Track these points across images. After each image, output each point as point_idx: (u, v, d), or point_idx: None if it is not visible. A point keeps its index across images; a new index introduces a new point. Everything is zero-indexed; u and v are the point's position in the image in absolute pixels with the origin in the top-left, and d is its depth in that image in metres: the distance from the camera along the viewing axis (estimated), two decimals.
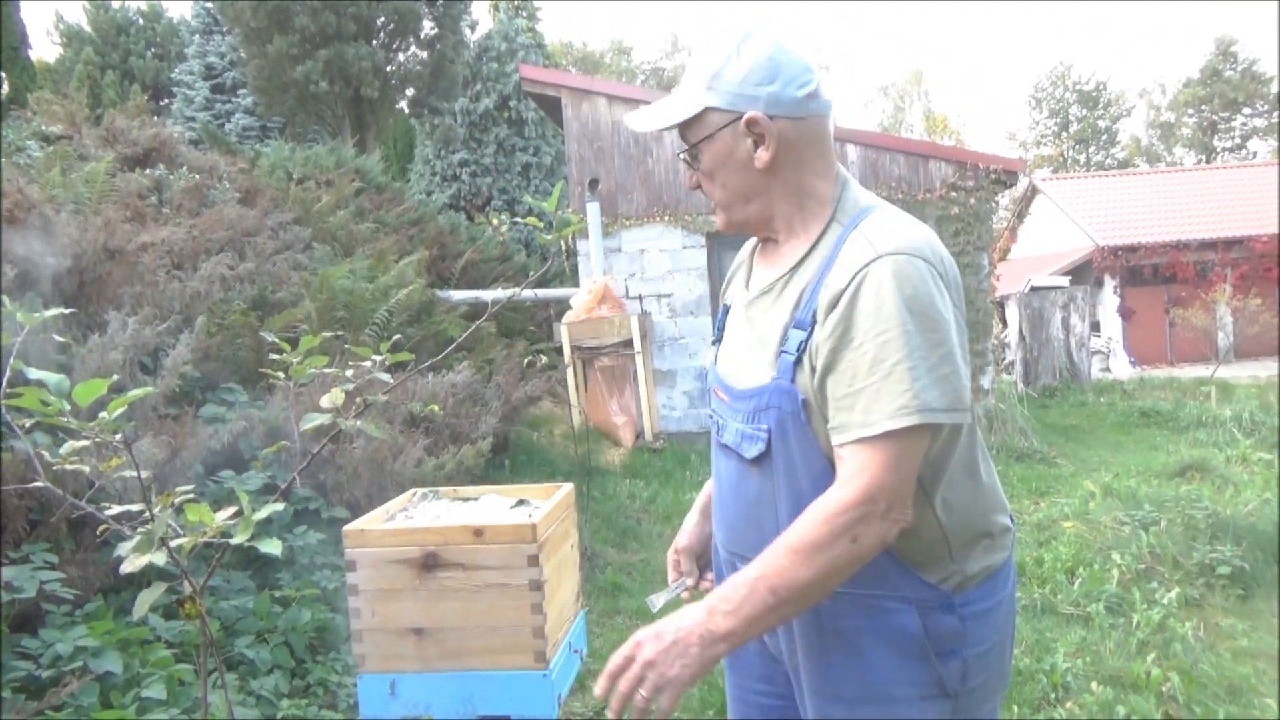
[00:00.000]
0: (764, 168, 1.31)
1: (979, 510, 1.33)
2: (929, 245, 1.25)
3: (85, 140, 6.87)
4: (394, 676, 2.49)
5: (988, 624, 1.31)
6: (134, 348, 3.82)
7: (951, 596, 1.28)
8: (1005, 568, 1.37)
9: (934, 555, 1.29)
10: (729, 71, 1.30)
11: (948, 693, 1.29)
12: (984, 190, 9.07)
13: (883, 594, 1.28)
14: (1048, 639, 3.86)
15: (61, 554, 3.06)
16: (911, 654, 1.28)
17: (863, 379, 1.18)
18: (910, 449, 1.17)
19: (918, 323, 1.17)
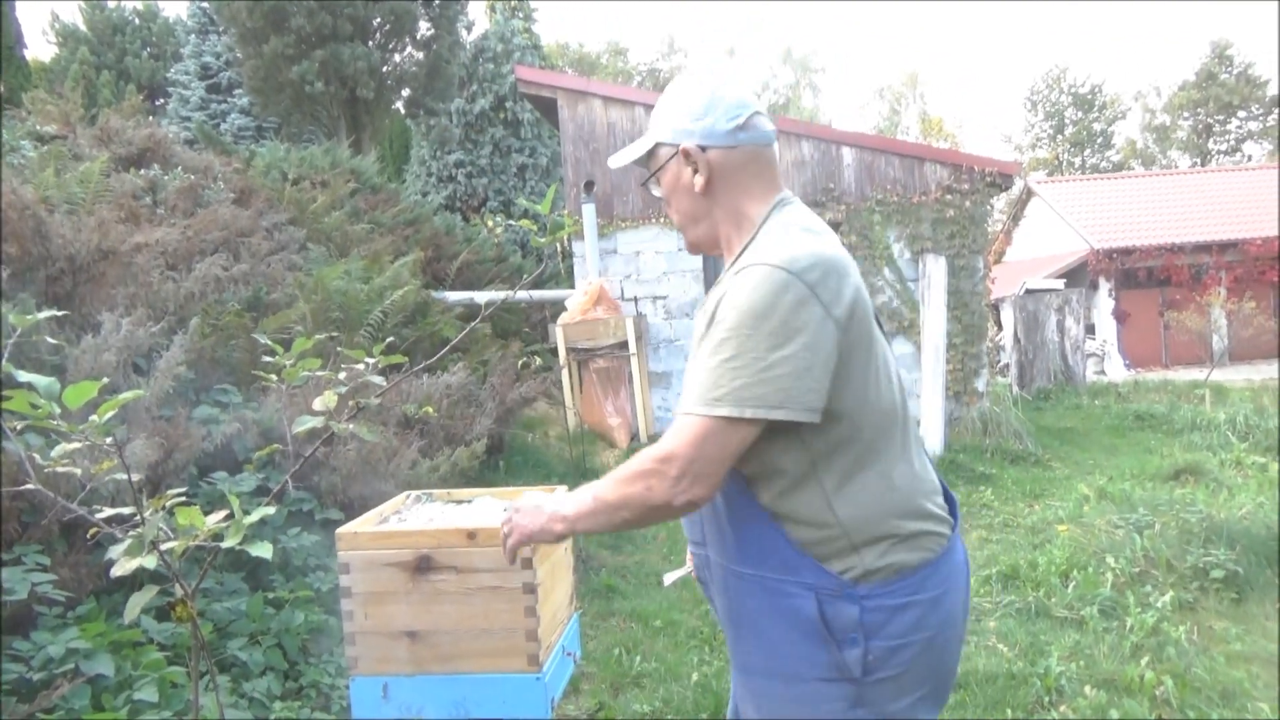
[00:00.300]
0: (701, 192, 1.52)
1: (886, 510, 1.41)
2: (808, 260, 1.35)
3: (80, 140, 6.85)
4: (386, 679, 2.48)
5: (899, 620, 1.38)
6: (127, 349, 3.81)
7: (853, 588, 1.38)
8: (924, 571, 1.42)
9: (834, 546, 1.39)
10: (673, 111, 1.54)
11: (849, 678, 1.39)
12: (979, 193, 9.08)
13: (784, 578, 1.41)
14: (1041, 642, 3.86)
15: (53, 556, 3.04)
16: (810, 636, 1.39)
17: (702, 365, 1.36)
18: (717, 433, 1.31)
19: (760, 326, 1.31)
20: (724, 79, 1.54)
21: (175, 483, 3.55)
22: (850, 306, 1.36)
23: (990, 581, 4.71)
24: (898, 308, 9.12)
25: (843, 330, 1.35)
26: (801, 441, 1.37)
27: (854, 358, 1.37)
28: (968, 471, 7.42)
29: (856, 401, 1.38)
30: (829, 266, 1.36)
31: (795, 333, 1.30)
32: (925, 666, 1.42)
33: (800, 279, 1.32)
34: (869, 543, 1.39)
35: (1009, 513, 6.26)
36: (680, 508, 1.35)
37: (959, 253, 9.01)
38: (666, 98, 1.57)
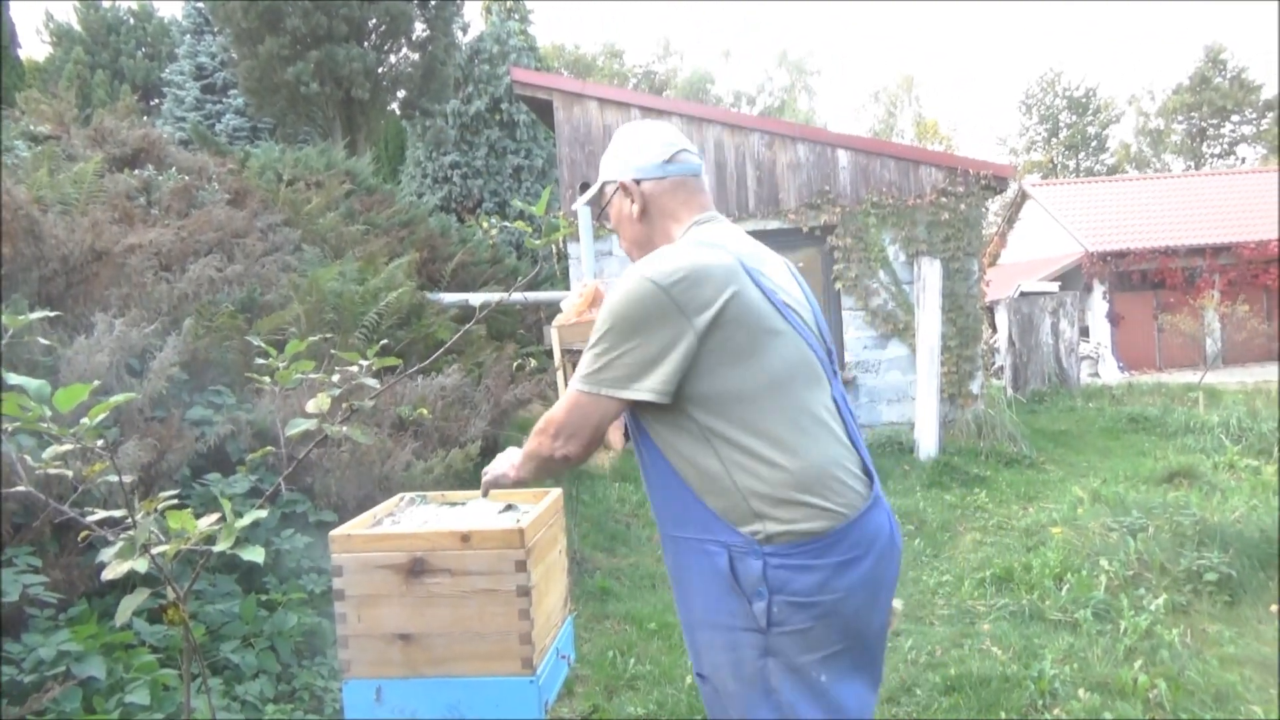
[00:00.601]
0: (638, 219, 1.83)
1: (784, 481, 1.58)
2: (675, 270, 1.60)
3: (73, 140, 6.83)
4: (380, 682, 2.47)
5: (801, 580, 1.57)
6: (121, 350, 3.79)
7: (759, 546, 1.58)
8: (828, 538, 1.58)
9: (739, 512, 1.60)
10: (614, 155, 1.88)
11: (757, 628, 1.58)
12: (974, 196, 9.09)
13: (706, 538, 1.64)
14: (1035, 645, 3.86)
15: (45, 557, 3.03)
16: (727, 589, 1.61)
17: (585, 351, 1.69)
18: (582, 405, 1.67)
19: (617, 323, 1.62)
20: (655, 125, 1.88)
21: (168, 484, 3.54)
22: (718, 309, 1.58)
23: (984, 584, 4.71)
24: (893, 310, 9.13)
25: (706, 329, 1.57)
26: (692, 420, 1.62)
27: (726, 350, 1.59)
28: (962, 474, 7.43)
29: (738, 386, 1.59)
30: (697, 276, 1.59)
31: (646, 329, 1.58)
32: (834, 626, 1.59)
33: (658, 285, 1.58)
34: (769, 509, 1.58)
35: (1003, 515, 6.27)
36: (559, 460, 1.74)
37: (954, 255, 9.03)
38: (610, 147, 1.90)
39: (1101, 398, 12.47)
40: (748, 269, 1.65)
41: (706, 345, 1.58)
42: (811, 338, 1.71)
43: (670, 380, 1.59)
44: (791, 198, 9.25)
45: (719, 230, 1.77)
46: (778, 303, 1.66)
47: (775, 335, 1.62)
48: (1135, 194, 23.48)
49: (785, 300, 1.69)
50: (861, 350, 9.24)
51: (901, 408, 9.15)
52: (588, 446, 1.70)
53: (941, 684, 3.52)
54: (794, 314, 1.69)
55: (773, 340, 1.62)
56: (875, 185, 9.17)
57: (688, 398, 1.62)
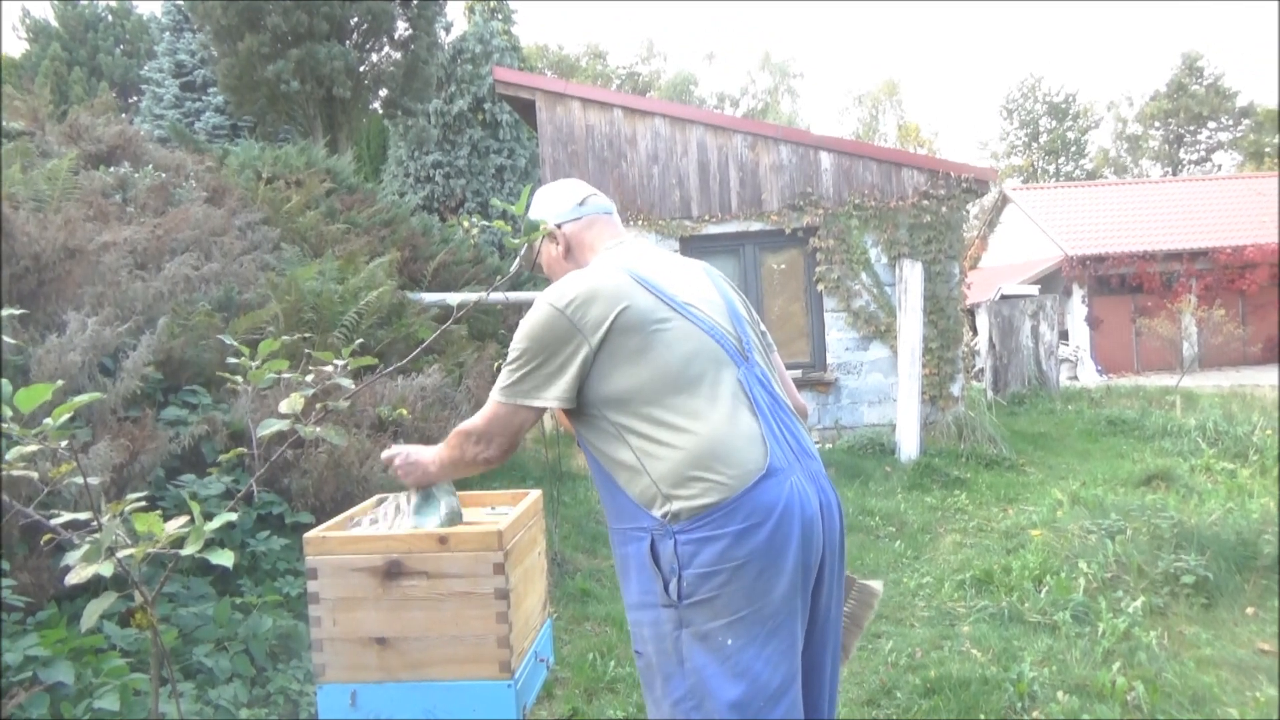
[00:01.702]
0: (563, 257, 2.10)
1: (685, 462, 1.74)
2: (569, 294, 1.84)
3: (48, 137, 6.74)
4: (355, 687, 2.43)
5: (706, 551, 1.71)
6: (93, 349, 3.73)
7: (669, 526, 1.73)
8: (725, 508, 1.72)
9: (651, 495, 1.77)
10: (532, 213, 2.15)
11: (671, 604, 1.74)
12: (955, 199, 9.13)
13: (632, 527, 1.82)
14: (1014, 647, 3.87)
15: (13, 560, 2.97)
16: (648, 571, 1.77)
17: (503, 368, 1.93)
18: (503, 415, 1.92)
19: (525, 344, 1.87)
20: (565, 182, 2.18)
21: (141, 486, 3.48)
22: (609, 323, 1.80)
23: (964, 586, 4.72)
24: (875, 312, 9.16)
25: (600, 342, 1.80)
26: (605, 420, 1.83)
27: (621, 355, 1.79)
28: (943, 476, 7.45)
29: (635, 382, 1.79)
30: (589, 297, 1.82)
31: (549, 347, 1.83)
32: (737, 593, 1.71)
33: (556, 308, 1.83)
34: (672, 489, 1.74)
35: (983, 517, 6.29)
36: (480, 463, 2.02)
37: (935, 258, 9.06)
38: (531, 210, 2.16)
39: (1080, 400, 12.55)
40: (641, 279, 1.87)
41: (602, 354, 1.81)
42: (713, 327, 1.87)
43: (569, 388, 1.83)
44: (774, 199, 9.26)
45: (622, 252, 2.01)
46: (672, 302, 1.86)
47: (666, 331, 1.82)
48: (1114, 199, 23.69)
49: (684, 299, 1.88)
50: (843, 352, 9.26)
51: (883, 409, 9.17)
52: (505, 450, 1.98)
53: (921, 686, 3.52)
54: (692, 309, 1.87)
55: (663, 336, 1.81)
56: (858, 187, 9.19)
57: (598, 401, 1.83)
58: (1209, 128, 42.44)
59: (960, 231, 9.26)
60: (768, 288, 9.49)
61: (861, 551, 5.49)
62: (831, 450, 8.53)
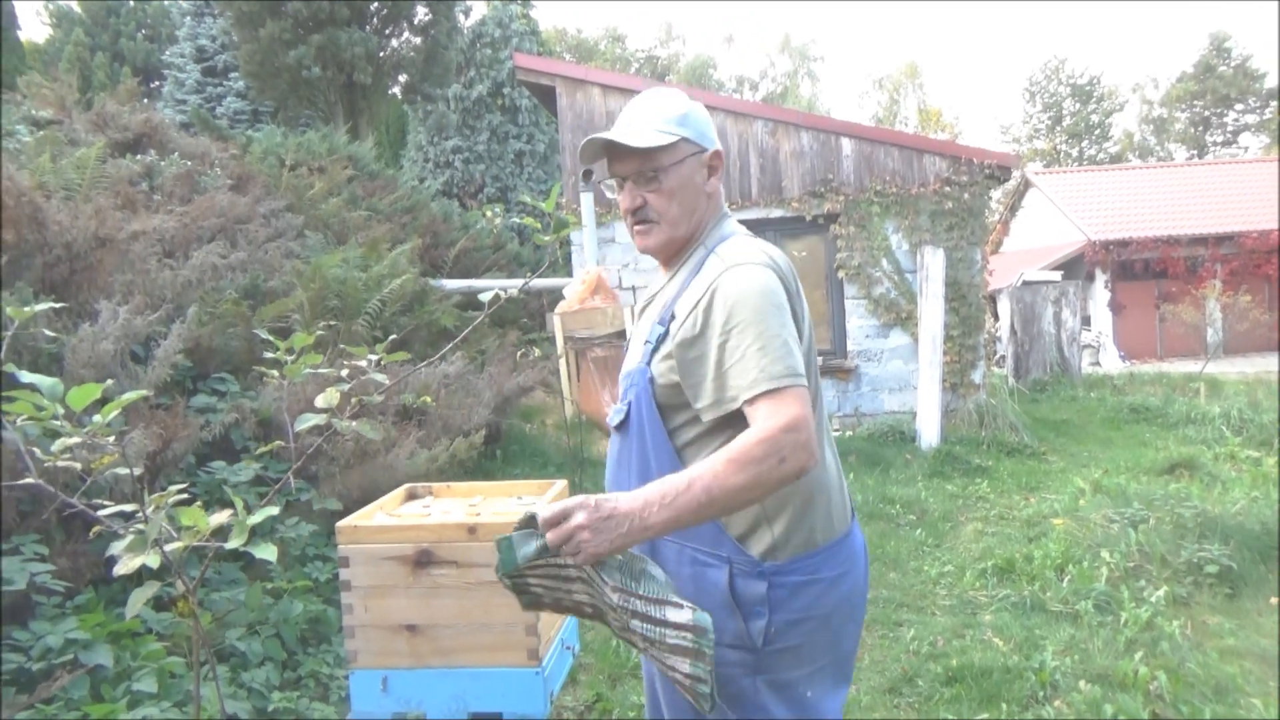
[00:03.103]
0: (709, 193, 1.66)
1: (802, 490, 1.53)
2: (769, 258, 1.55)
3: (75, 125, 6.81)
4: (386, 673, 2.48)
5: (801, 596, 1.53)
6: (125, 337, 3.80)
7: (761, 565, 1.51)
8: (827, 550, 1.56)
9: (751, 518, 1.52)
10: (694, 116, 1.64)
11: (749, 647, 1.52)
12: (978, 185, 9.06)
13: (704, 550, 1.54)
14: (1036, 636, 3.88)
15: (52, 545, 3.04)
16: (721, 605, 1.51)
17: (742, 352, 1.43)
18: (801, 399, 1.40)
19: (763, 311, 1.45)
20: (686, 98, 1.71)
21: (174, 473, 3.55)
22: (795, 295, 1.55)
23: (985, 575, 4.73)
24: (895, 299, 9.12)
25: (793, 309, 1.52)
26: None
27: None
28: (964, 464, 7.44)
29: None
30: (780, 261, 1.57)
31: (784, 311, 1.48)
32: (822, 641, 1.56)
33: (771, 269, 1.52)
34: (779, 514, 1.52)
35: (1005, 505, 6.28)
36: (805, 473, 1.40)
37: (957, 244, 9.01)
38: (671, 101, 1.65)
39: (1103, 387, 12.47)
40: None
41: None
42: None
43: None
44: (795, 186, 9.22)
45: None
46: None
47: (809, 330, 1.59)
48: (1138, 183, 23.41)
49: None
50: (863, 339, 9.24)
51: (903, 397, 9.16)
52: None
53: (943, 674, 3.54)
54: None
55: (810, 337, 1.59)
56: (879, 174, 9.14)
57: None
58: (1236, 110, 41.82)
59: (982, 218, 9.20)
60: None
61: (882, 540, 5.50)
62: (852, 438, 8.53)
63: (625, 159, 1.62)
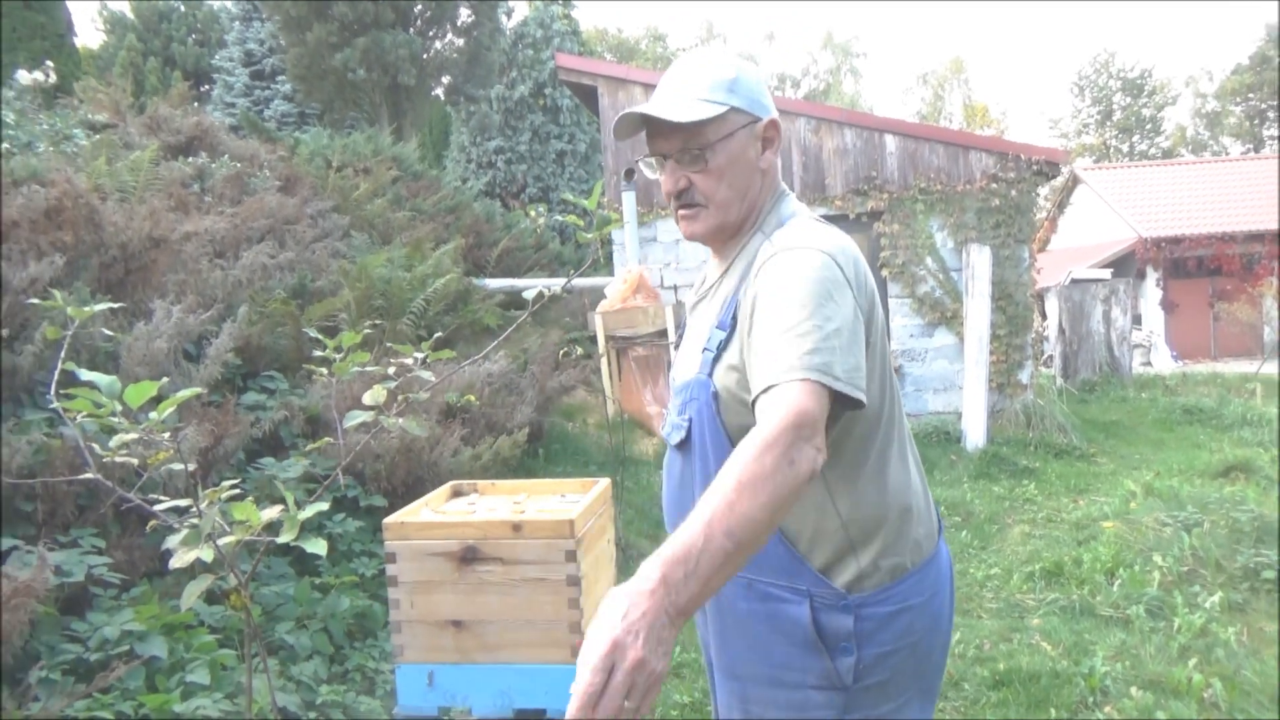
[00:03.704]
0: (765, 169, 1.44)
1: (884, 509, 1.38)
2: (833, 244, 1.33)
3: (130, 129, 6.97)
4: (432, 668, 2.51)
5: (891, 627, 1.37)
6: (178, 336, 3.88)
7: (848, 597, 1.35)
8: (916, 574, 1.40)
9: (831, 544, 1.36)
10: (745, 81, 1.41)
11: (839, 686, 1.35)
12: (1025, 182, 8.92)
13: (777, 582, 1.37)
14: (1086, 641, 3.81)
15: (108, 539, 3.12)
16: (802, 644, 1.35)
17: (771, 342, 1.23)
18: (819, 393, 1.18)
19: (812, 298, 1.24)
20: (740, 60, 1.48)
21: (225, 468, 3.62)
22: (870, 298, 1.36)
23: (1033, 578, 4.65)
24: (940, 298, 9.01)
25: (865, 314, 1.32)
26: None
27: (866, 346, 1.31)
28: (1011, 465, 7.33)
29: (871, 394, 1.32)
30: (854, 255, 1.37)
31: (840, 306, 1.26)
32: (912, 670, 1.41)
33: (832, 258, 1.31)
34: (866, 541, 1.36)
35: (1052, 508, 6.18)
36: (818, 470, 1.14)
37: (1004, 242, 8.87)
38: (721, 64, 1.43)
39: (1154, 388, 12.21)
40: None
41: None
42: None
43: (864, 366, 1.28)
44: (838, 183, 9.16)
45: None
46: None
47: (882, 333, 1.40)
48: (1191, 178, 22.87)
49: None
50: (908, 338, 9.14)
51: (948, 397, 9.05)
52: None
53: (990, 678, 3.49)
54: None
55: (882, 339, 1.40)
56: (923, 171, 9.04)
57: None
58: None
59: (1030, 215, 9.05)
60: None
61: None
62: None
63: (667, 135, 1.42)
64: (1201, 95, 44.64)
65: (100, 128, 6.97)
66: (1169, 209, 21.35)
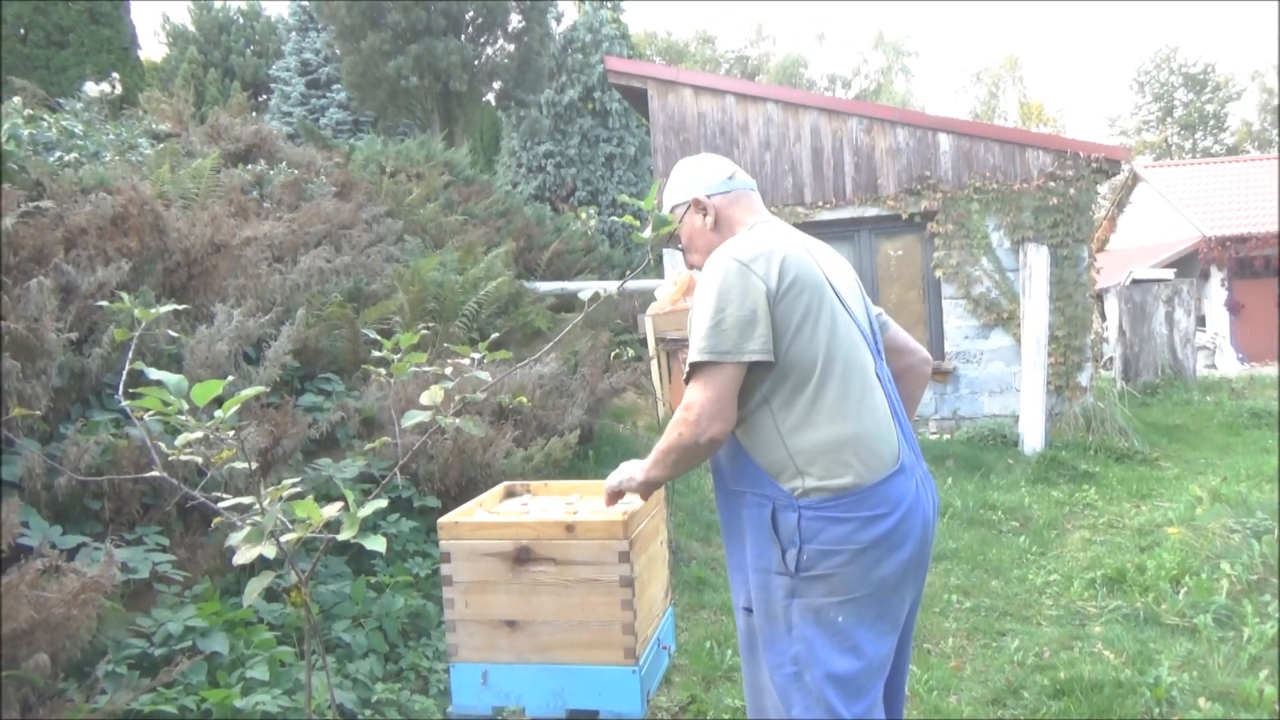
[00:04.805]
0: (711, 229, 2.06)
1: (827, 443, 1.81)
2: (746, 250, 1.86)
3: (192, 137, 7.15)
4: (486, 667, 2.53)
5: (831, 531, 1.79)
6: (238, 339, 3.96)
7: (795, 499, 1.82)
8: (857, 494, 1.80)
9: (784, 468, 1.84)
10: (678, 182, 2.14)
11: (787, 571, 1.82)
12: (1084, 180, 8.73)
13: (753, 492, 1.88)
14: (1150, 650, 3.71)
15: (171, 536, 3.19)
16: (768, 537, 1.85)
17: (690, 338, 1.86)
18: (711, 378, 1.80)
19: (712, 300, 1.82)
20: (710, 156, 2.16)
21: (284, 468, 3.68)
22: (785, 280, 1.81)
23: (1094, 585, 4.54)
24: (996, 299, 8.85)
25: (777, 300, 1.80)
26: (755, 385, 1.84)
27: (791, 322, 1.81)
28: (1070, 469, 7.16)
29: (798, 357, 1.82)
30: (768, 254, 1.85)
31: (736, 299, 1.79)
32: (854, 575, 1.80)
33: (739, 261, 1.83)
34: (808, 465, 1.81)
35: (1114, 513, 6.03)
36: (706, 445, 1.82)
37: (1062, 242, 8.69)
38: (672, 182, 2.15)
39: (1220, 390, 11.85)
40: (811, 255, 1.92)
41: (776, 315, 1.81)
42: (859, 320, 1.95)
43: (767, 341, 1.80)
44: (890, 183, 9.05)
45: (779, 226, 2.03)
46: (833, 286, 1.91)
47: (827, 308, 1.85)
48: (1257, 175, 22.15)
49: (837, 285, 1.93)
50: (962, 340, 8.99)
51: (1004, 399, 8.88)
52: (730, 422, 1.82)
53: (1050, 687, 3.41)
54: (844, 297, 1.93)
55: (828, 318, 1.85)
56: (978, 170, 8.89)
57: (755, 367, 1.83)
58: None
59: (1089, 213, 8.85)
60: (883, 274, 9.29)
61: (984, 547, 5.34)
62: (950, 441, 8.31)
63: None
64: (1268, 90, 43.28)
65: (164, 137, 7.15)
66: (1234, 207, 20.72)
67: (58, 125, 5.95)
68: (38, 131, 5.68)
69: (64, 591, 2.30)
